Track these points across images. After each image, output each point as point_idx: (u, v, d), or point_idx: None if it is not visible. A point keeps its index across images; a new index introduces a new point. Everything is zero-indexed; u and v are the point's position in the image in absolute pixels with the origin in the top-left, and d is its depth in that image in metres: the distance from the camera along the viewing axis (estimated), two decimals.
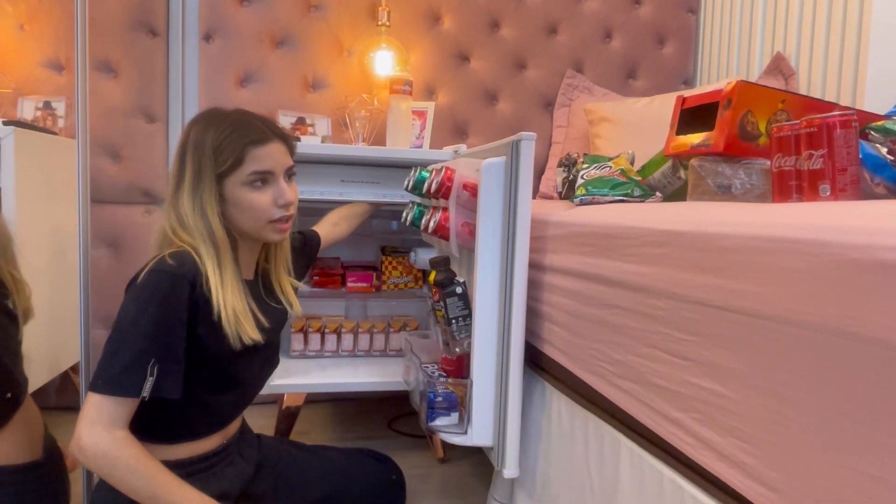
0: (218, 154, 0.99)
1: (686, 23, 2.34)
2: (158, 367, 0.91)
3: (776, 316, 0.59)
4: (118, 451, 0.89)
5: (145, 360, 0.90)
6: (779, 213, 0.65)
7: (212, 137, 0.99)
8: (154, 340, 0.91)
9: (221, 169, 0.99)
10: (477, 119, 2.18)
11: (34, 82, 1.85)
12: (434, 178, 1.23)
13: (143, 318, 0.91)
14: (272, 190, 1.03)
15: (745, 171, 0.92)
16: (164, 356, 0.92)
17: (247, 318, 1.01)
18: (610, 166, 1.18)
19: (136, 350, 0.90)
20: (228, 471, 1.10)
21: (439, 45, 2.14)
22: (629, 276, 0.85)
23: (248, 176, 1.00)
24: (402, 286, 1.91)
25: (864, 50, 1.63)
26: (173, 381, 0.93)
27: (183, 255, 0.96)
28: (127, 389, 0.89)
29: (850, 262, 0.51)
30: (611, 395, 0.90)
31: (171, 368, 0.93)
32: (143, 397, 0.90)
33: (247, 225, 1.04)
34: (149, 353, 0.90)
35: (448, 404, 1.20)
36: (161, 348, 0.91)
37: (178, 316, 0.93)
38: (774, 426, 0.59)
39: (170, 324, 0.92)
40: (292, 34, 2.02)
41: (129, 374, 0.89)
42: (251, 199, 1.01)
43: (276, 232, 1.06)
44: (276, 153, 1.03)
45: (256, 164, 1.00)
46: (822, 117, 0.75)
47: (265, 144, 1.02)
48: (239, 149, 0.99)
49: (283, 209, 1.05)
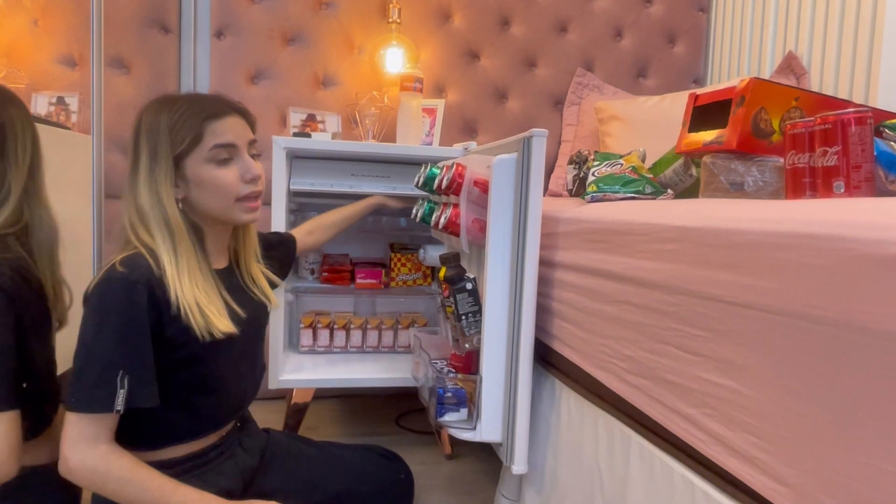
0: (174, 133, 0.94)
1: (697, 22, 2.33)
2: (129, 377, 0.88)
3: (790, 311, 0.59)
4: (106, 465, 0.88)
5: (113, 372, 0.87)
6: (793, 208, 0.65)
7: (166, 118, 0.94)
8: (119, 352, 0.88)
9: (179, 149, 0.94)
10: (487, 117, 2.18)
11: (48, 78, 1.87)
12: (445, 175, 1.23)
13: (104, 330, 0.88)
14: (237, 165, 0.99)
15: (759, 169, 0.91)
16: (133, 366, 0.89)
17: (216, 309, 0.97)
18: (621, 163, 1.18)
19: (102, 364, 0.87)
20: (228, 464, 1.08)
21: (449, 43, 2.14)
22: (641, 273, 0.85)
23: (210, 151, 0.96)
24: (411, 283, 1.92)
25: (878, 49, 1.62)
26: (147, 389, 0.90)
27: (134, 258, 0.92)
28: (100, 405, 0.87)
29: (865, 257, 0.51)
30: (621, 392, 0.90)
31: (142, 377, 0.90)
32: (118, 410, 0.87)
33: (213, 206, 0.99)
34: (116, 365, 0.87)
35: (457, 400, 1.20)
36: (128, 358, 0.88)
37: (140, 322, 0.89)
38: (787, 422, 0.59)
39: (133, 332, 0.89)
40: (303, 31, 2.03)
41: (99, 389, 0.87)
42: (215, 176, 0.97)
43: (244, 211, 1.01)
44: (236, 126, 0.99)
45: (217, 137, 0.96)
46: (836, 114, 0.75)
47: (223, 118, 0.97)
48: (197, 124, 0.95)
49: (251, 184, 1.00)
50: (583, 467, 1.03)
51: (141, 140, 0.95)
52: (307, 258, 1.88)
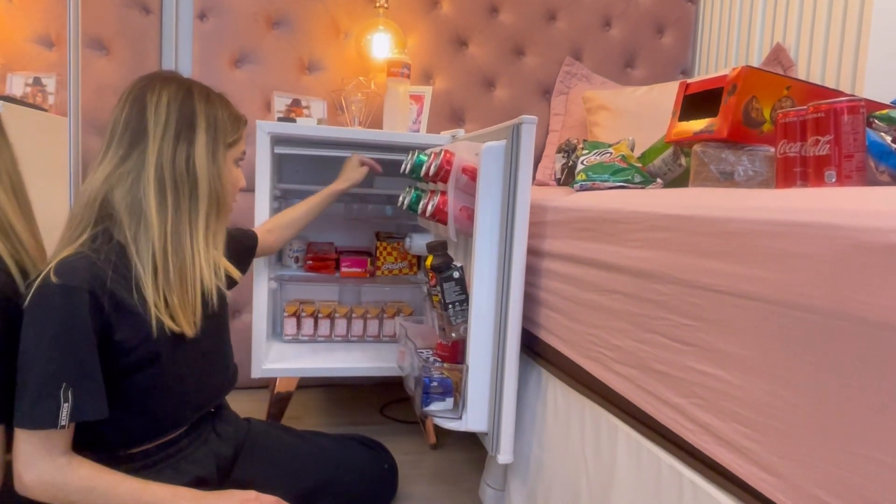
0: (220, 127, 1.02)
1: (685, 12, 2.32)
2: (73, 390, 0.83)
3: (782, 300, 0.58)
4: (64, 477, 0.85)
5: (55, 385, 0.82)
6: (785, 197, 0.64)
7: (221, 108, 1.04)
8: (60, 363, 0.83)
9: (229, 139, 1.04)
10: (474, 105, 2.16)
11: (24, 58, 1.82)
12: (433, 162, 1.21)
13: (43, 340, 0.83)
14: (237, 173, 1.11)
15: (749, 158, 0.91)
16: (77, 377, 0.84)
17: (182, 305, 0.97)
18: (610, 152, 1.17)
19: (42, 377, 0.82)
20: (202, 452, 1.06)
21: (437, 30, 2.11)
22: (630, 261, 0.84)
23: (240, 153, 1.09)
24: (397, 272, 1.90)
25: (865, 41, 1.62)
26: (93, 401, 0.85)
27: (73, 261, 0.87)
28: (43, 420, 0.82)
29: (860, 246, 0.50)
30: (609, 381, 0.89)
31: (87, 388, 0.85)
32: (62, 426, 0.82)
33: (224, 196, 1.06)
34: (58, 378, 0.83)
35: (443, 389, 1.19)
36: (70, 370, 0.84)
37: (82, 331, 0.84)
38: (777, 411, 0.58)
39: (75, 341, 0.84)
40: (288, 15, 1.99)
41: (41, 404, 0.82)
42: (237, 177, 1.09)
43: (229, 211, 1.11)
44: None
45: (243, 145, 1.10)
46: (829, 103, 0.74)
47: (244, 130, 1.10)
48: (240, 127, 1.08)
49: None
50: (569, 457, 1.03)
51: (198, 116, 0.99)
52: (291, 246, 1.85)
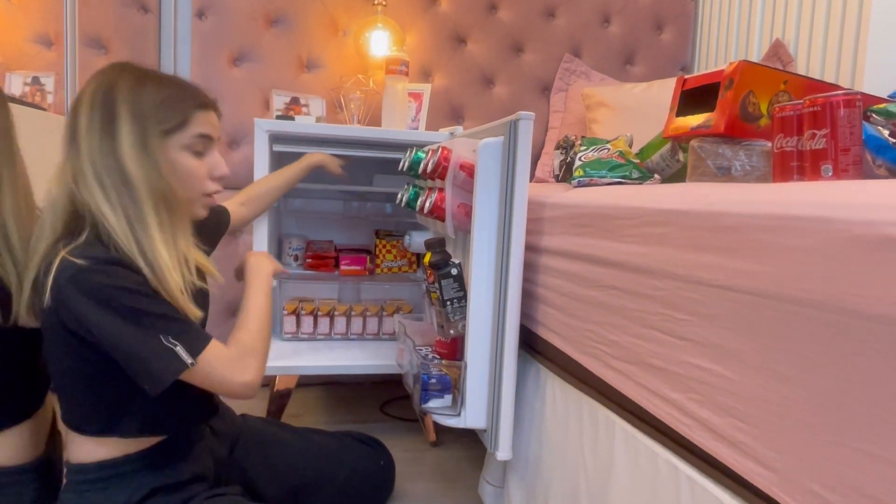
0: (161, 110, 0.91)
1: (685, 9, 2.32)
2: (172, 335, 0.85)
3: (778, 294, 0.58)
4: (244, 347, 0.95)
5: (153, 343, 0.84)
6: (782, 191, 0.64)
7: (153, 92, 0.91)
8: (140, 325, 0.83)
9: (164, 126, 0.91)
10: (473, 103, 2.16)
11: (22, 57, 1.82)
12: (430, 159, 1.21)
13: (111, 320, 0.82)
14: (208, 160, 0.98)
15: (746, 153, 0.91)
16: (165, 327, 0.85)
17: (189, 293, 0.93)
18: (608, 148, 1.17)
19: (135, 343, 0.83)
20: (198, 448, 1.05)
21: (436, 27, 2.11)
22: (627, 257, 0.84)
23: (193, 139, 0.93)
24: (396, 270, 1.90)
25: (864, 37, 1.62)
26: (197, 332, 0.89)
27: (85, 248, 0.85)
28: (170, 371, 0.84)
29: (855, 239, 0.50)
30: (606, 377, 0.89)
31: (183, 327, 0.87)
32: (191, 364, 0.86)
33: (180, 192, 0.94)
34: (148, 338, 0.84)
35: (442, 386, 1.19)
36: (153, 325, 0.84)
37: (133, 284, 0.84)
38: (774, 406, 0.58)
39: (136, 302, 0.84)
40: (287, 13, 1.99)
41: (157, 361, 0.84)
42: (191, 166, 0.94)
43: (203, 207, 1.01)
44: (215, 121, 0.98)
45: (201, 126, 0.94)
46: (825, 96, 0.74)
47: (208, 110, 0.97)
48: (186, 108, 0.93)
49: (217, 183, 1.00)
50: (567, 453, 1.02)
51: (119, 106, 0.89)
52: (291, 244, 1.85)
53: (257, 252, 1.11)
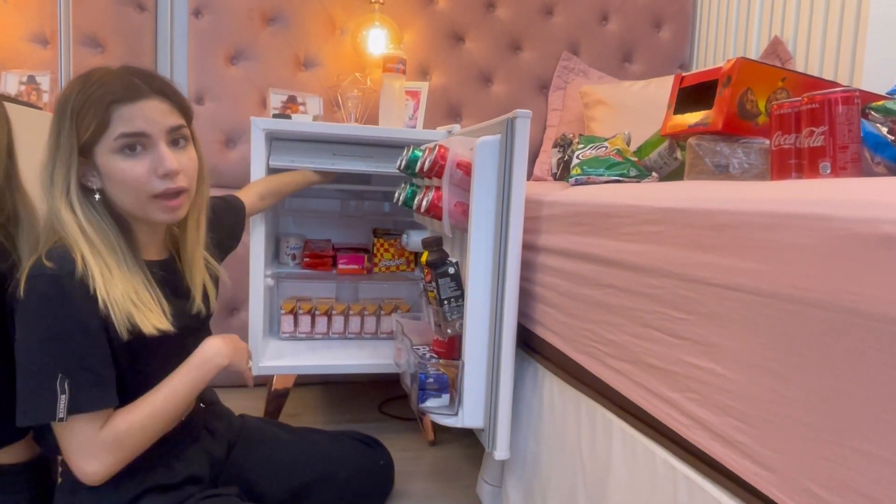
0: (80, 118, 0.84)
1: (683, 6, 2.31)
2: (69, 381, 0.81)
3: (776, 293, 0.57)
4: (115, 437, 0.85)
5: (50, 377, 0.80)
6: (779, 189, 0.63)
7: (74, 99, 0.84)
8: (53, 354, 0.81)
9: (85, 137, 0.84)
10: (471, 101, 2.15)
11: (18, 56, 1.81)
12: (427, 157, 1.21)
13: (35, 332, 0.81)
14: (149, 157, 0.87)
15: (744, 151, 0.90)
16: (72, 368, 0.81)
17: (146, 304, 0.89)
18: (606, 146, 1.16)
19: (35, 369, 0.81)
20: (193, 450, 1.04)
21: (434, 25, 2.10)
22: (625, 255, 0.84)
23: (116, 140, 0.85)
24: (394, 269, 1.90)
25: (863, 34, 1.61)
26: (92, 394, 0.83)
27: (62, 250, 0.84)
28: (41, 413, 0.80)
29: (853, 237, 0.50)
30: (604, 376, 0.89)
31: (84, 380, 0.82)
32: (60, 419, 0.81)
33: (125, 201, 0.89)
34: (52, 369, 0.81)
35: (439, 385, 1.18)
36: (64, 361, 0.81)
37: (76, 319, 0.82)
38: (771, 405, 0.58)
39: (67, 331, 0.81)
40: (284, 11, 1.98)
41: (38, 396, 0.80)
42: (122, 170, 0.86)
43: (161, 210, 0.90)
44: (151, 111, 0.87)
45: (124, 124, 0.85)
46: (824, 94, 0.73)
47: (135, 101, 0.85)
48: (102, 108, 0.83)
49: (166, 180, 0.88)
50: (565, 452, 1.02)
51: (53, 123, 0.86)
52: (288, 244, 1.84)
53: (225, 338, 1.00)
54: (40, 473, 1.01)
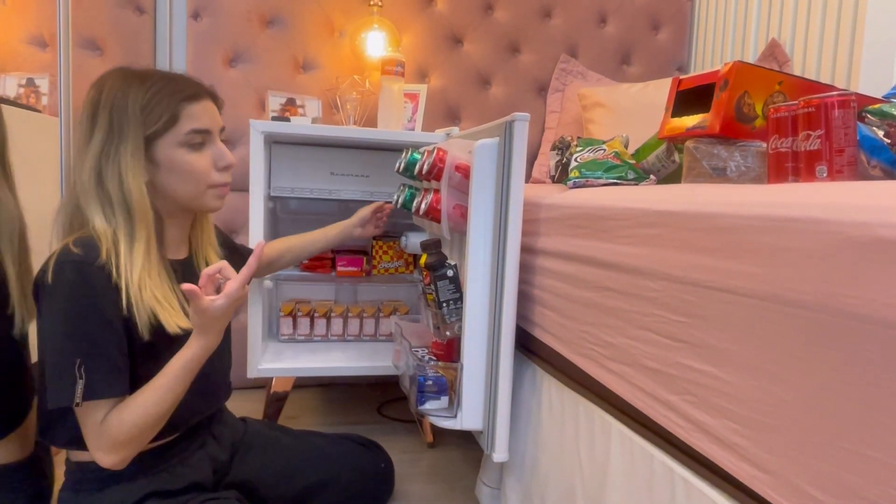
0: (147, 112, 0.89)
1: (681, 8, 2.32)
2: (85, 366, 0.82)
3: (773, 296, 0.58)
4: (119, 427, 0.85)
5: (69, 362, 0.82)
6: (776, 192, 0.64)
7: (137, 94, 0.89)
8: (73, 338, 0.83)
9: (152, 129, 0.90)
10: (469, 103, 2.16)
11: (17, 58, 1.81)
12: (426, 160, 1.21)
13: (57, 317, 0.83)
14: (210, 151, 0.96)
15: (741, 154, 0.90)
16: (89, 354, 0.83)
17: (170, 303, 0.92)
18: (604, 149, 1.17)
19: (58, 354, 0.83)
20: (198, 456, 1.04)
21: (432, 27, 2.11)
22: (622, 258, 0.84)
23: (186, 135, 0.92)
24: (393, 271, 1.90)
25: (859, 37, 1.62)
26: (107, 380, 0.84)
27: (88, 240, 0.87)
28: (60, 398, 0.82)
29: (849, 240, 0.50)
30: (602, 378, 0.89)
31: (100, 366, 0.84)
32: (77, 404, 0.82)
33: (184, 191, 0.95)
34: (70, 354, 0.82)
35: (438, 388, 1.19)
36: (83, 346, 0.83)
37: (96, 306, 0.84)
38: (769, 407, 0.58)
39: (87, 317, 0.84)
40: (282, 13, 1.98)
41: (58, 381, 0.82)
42: (189, 162, 0.93)
43: (216, 198, 0.99)
44: (210, 111, 0.96)
45: (193, 121, 0.92)
46: (820, 97, 0.74)
47: (199, 101, 0.94)
48: (173, 105, 0.90)
49: (224, 173, 0.99)
50: (563, 455, 1.02)
51: (100, 114, 0.89)
52: None
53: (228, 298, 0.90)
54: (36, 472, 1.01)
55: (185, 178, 0.94)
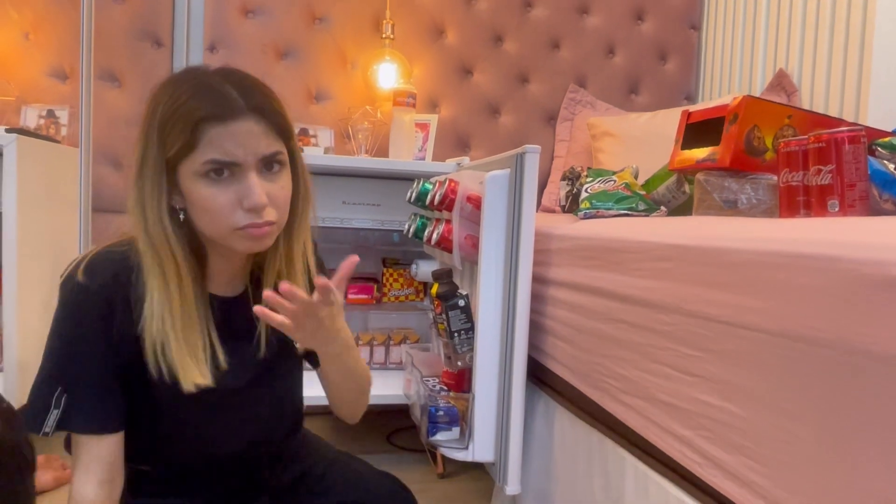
0: (166, 131, 0.71)
1: (688, 39, 2.35)
2: (66, 396, 0.75)
3: (786, 332, 0.58)
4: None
5: (49, 388, 0.75)
6: (788, 228, 0.64)
7: (163, 107, 0.72)
8: (59, 364, 0.76)
9: (171, 153, 0.72)
10: (480, 132, 2.18)
11: (38, 90, 1.86)
12: (437, 190, 1.22)
13: (52, 336, 0.76)
14: (236, 186, 0.73)
15: (752, 186, 0.91)
16: (73, 383, 0.75)
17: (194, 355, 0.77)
18: (614, 180, 1.18)
19: (41, 376, 0.76)
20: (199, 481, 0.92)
21: (443, 59, 2.14)
22: (635, 291, 0.84)
23: (203, 165, 0.71)
24: (403, 298, 1.90)
25: (867, 66, 1.63)
26: (86, 412, 0.76)
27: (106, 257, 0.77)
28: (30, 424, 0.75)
29: (862, 278, 0.50)
30: (615, 411, 0.89)
31: (80, 396, 0.75)
32: (45, 433, 0.74)
33: (207, 230, 0.76)
34: (54, 380, 0.76)
35: (449, 419, 1.18)
36: (69, 374, 0.76)
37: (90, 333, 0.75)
38: (784, 444, 0.58)
39: (79, 342, 0.75)
40: (297, 46, 2.03)
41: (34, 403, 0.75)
42: (205, 197, 0.72)
43: (246, 239, 0.75)
44: (245, 135, 0.72)
45: (214, 149, 0.71)
46: (830, 133, 0.75)
47: (228, 122, 0.71)
48: (190, 126, 0.70)
49: (251, 214, 0.73)
50: (576, 489, 1.01)
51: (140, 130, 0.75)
52: None
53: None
54: None
55: (205, 215, 0.74)
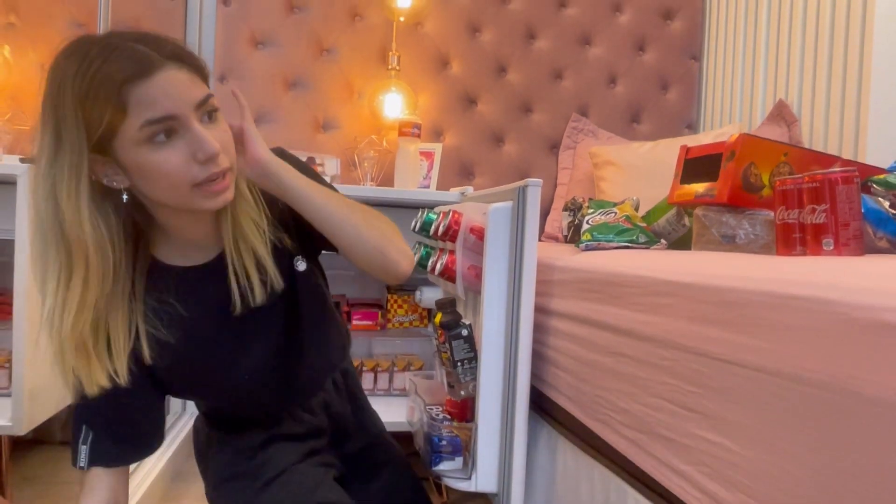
0: (88, 108, 0.64)
1: (689, 69, 2.39)
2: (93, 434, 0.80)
3: (781, 371, 0.59)
4: None
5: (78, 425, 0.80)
6: (784, 268, 0.66)
7: (74, 84, 0.64)
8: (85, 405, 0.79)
9: (100, 131, 0.65)
10: (483, 160, 2.22)
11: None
12: (441, 221, 1.25)
13: None
14: (184, 142, 0.68)
15: (749, 222, 0.93)
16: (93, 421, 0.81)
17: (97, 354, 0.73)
18: (615, 212, 1.20)
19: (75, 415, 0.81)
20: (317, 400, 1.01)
21: (447, 89, 2.18)
22: (635, 325, 0.85)
23: (141, 130, 0.66)
24: (408, 324, 1.92)
25: (865, 96, 1.66)
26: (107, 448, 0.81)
27: None
28: (73, 458, 0.81)
29: (853, 322, 0.52)
30: (617, 444, 0.89)
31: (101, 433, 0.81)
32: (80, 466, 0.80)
33: (165, 197, 0.71)
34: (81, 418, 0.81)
35: (452, 448, 1.19)
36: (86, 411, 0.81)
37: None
38: (781, 483, 0.59)
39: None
40: (305, 76, 2.07)
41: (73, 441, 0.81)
42: (155, 163, 0.67)
43: (207, 198, 0.71)
44: (172, 85, 0.67)
45: (147, 108, 0.65)
46: (824, 173, 0.77)
47: (152, 76, 0.65)
48: (114, 91, 0.64)
49: (208, 164, 0.69)
50: None
51: (46, 116, 0.66)
52: None
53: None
54: None
55: (159, 182, 0.69)
